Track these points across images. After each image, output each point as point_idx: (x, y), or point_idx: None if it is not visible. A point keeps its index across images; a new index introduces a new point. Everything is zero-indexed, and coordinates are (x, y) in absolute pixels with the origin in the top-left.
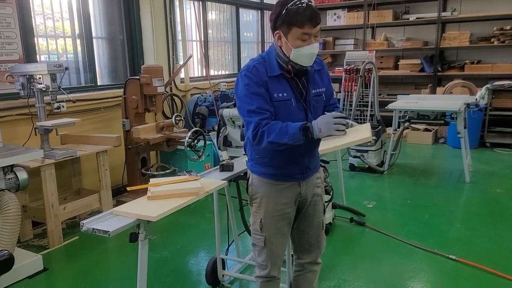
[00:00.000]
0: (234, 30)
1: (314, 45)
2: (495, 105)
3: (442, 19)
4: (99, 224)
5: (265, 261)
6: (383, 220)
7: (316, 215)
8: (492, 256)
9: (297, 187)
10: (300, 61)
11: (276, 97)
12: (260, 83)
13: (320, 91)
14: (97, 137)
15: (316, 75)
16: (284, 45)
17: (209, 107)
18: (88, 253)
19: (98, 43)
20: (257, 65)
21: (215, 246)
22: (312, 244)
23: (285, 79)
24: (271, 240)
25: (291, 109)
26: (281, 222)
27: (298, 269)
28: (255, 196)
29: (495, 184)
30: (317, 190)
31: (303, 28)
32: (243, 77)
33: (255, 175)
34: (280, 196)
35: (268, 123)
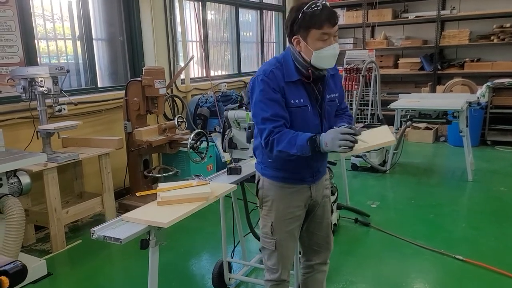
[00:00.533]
0: (233, 30)
1: (335, 45)
2: (495, 103)
3: (441, 17)
4: (110, 231)
5: (275, 265)
6: (387, 220)
7: (325, 216)
8: (499, 255)
9: (308, 190)
10: (321, 63)
11: (293, 103)
12: (277, 89)
13: (334, 96)
14: (99, 140)
15: (331, 80)
16: (304, 49)
17: (210, 108)
18: (92, 257)
19: (98, 45)
20: (274, 69)
21: (219, 249)
22: (321, 245)
23: (302, 84)
24: (281, 243)
25: (307, 115)
26: (292, 225)
27: (307, 270)
28: (265, 199)
29: (497, 182)
30: (326, 192)
31: (322, 28)
32: (259, 82)
33: (265, 178)
34: (291, 199)
35: (280, 132)
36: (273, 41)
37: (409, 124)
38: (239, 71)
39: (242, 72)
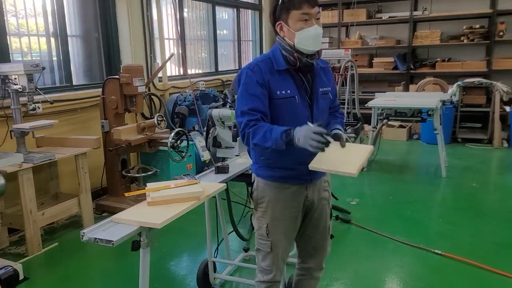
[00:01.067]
0: (210, 28)
1: (316, 26)
2: (465, 101)
3: (414, 18)
4: (101, 233)
5: (269, 266)
6: (367, 216)
7: (323, 219)
8: (475, 249)
9: (304, 190)
10: (305, 45)
11: (279, 94)
12: (260, 81)
13: (327, 90)
14: (75, 139)
15: (322, 73)
16: (287, 33)
17: (189, 106)
18: (69, 260)
19: (73, 42)
20: (259, 63)
21: (202, 249)
22: (317, 248)
23: (289, 75)
24: (277, 245)
25: (295, 106)
26: (288, 226)
27: (301, 273)
28: (261, 200)
29: (470, 178)
30: (325, 194)
31: (301, 9)
32: (244, 76)
33: (260, 179)
34: (287, 200)
35: (255, 125)
36: (249, 40)
37: (385, 122)
38: (217, 70)
39: (219, 70)
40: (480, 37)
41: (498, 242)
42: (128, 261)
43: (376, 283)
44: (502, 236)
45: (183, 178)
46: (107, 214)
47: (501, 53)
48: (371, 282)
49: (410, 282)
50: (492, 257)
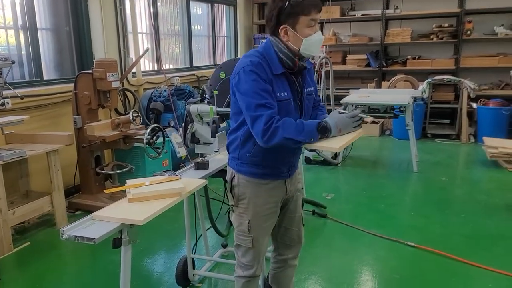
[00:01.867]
0: (185, 23)
1: (319, 32)
2: (435, 98)
3: (386, 16)
4: (81, 231)
5: (251, 261)
6: (343, 211)
7: (297, 210)
8: (445, 241)
9: (284, 185)
10: (310, 50)
11: (278, 96)
12: (267, 80)
13: (311, 90)
14: (47, 136)
15: (307, 74)
16: (292, 38)
17: (164, 102)
18: (42, 259)
19: (43, 35)
20: (260, 61)
21: (178, 246)
22: (294, 239)
23: (285, 78)
24: (258, 240)
25: (290, 108)
26: (268, 221)
27: (278, 265)
28: (242, 196)
29: (440, 173)
30: (298, 185)
31: (309, 15)
32: (249, 72)
33: (241, 175)
34: (269, 195)
35: (280, 119)
36: (224, 35)
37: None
38: (191, 65)
39: (194, 66)
40: (448, 36)
41: (466, 234)
42: (104, 259)
43: (352, 275)
44: (470, 228)
45: (163, 175)
46: (81, 212)
47: (469, 51)
48: (347, 274)
49: (384, 273)
50: (461, 248)
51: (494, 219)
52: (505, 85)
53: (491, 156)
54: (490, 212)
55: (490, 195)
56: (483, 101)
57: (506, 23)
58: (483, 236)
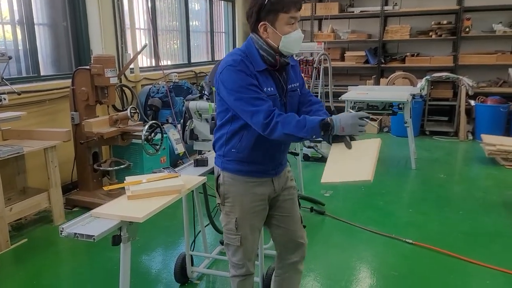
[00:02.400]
0: (183, 19)
1: (299, 30)
2: (433, 95)
3: (385, 13)
4: (80, 228)
5: (241, 260)
6: (341, 208)
7: (295, 208)
8: (443, 238)
9: (271, 183)
10: (289, 48)
11: (265, 91)
12: (253, 76)
13: (295, 86)
14: (44, 132)
15: (291, 70)
16: (271, 35)
17: (162, 98)
18: (39, 256)
19: (40, 30)
20: (243, 59)
21: (176, 243)
22: (296, 240)
23: (268, 74)
24: (247, 237)
25: (276, 104)
26: (255, 218)
27: (283, 271)
28: (228, 195)
29: (438, 170)
30: (291, 183)
31: (289, 12)
32: (234, 71)
33: (227, 173)
34: (255, 193)
35: (281, 114)
36: (222, 31)
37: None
38: (189, 61)
39: (192, 62)
40: (447, 33)
41: (464, 231)
42: (102, 256)
43: (350, 272)
44: (468, 225)
45: (162, 171)
46: (78, 209)
47: (467, 48)
48: (345, 271)
49: (383, 270)
50: (459, 245)
51: (491, 216)
52: (503, 83)
53: (489, 154)
54: (488, 209)
55: (488, 192)
56: (481, 98)
57: (504, 21)
58: (481, 233)
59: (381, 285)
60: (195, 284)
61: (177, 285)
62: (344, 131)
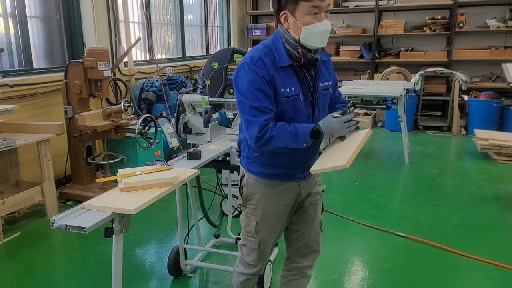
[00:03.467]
0: (177, 13)
1: (325, 22)
2: (427, 90)
3: (379, 7)
4: (72, 220)
5: (255, 261)
6: (334, 202)
7: (317, 214)
8: (435, 231)
9: (297, 187)
10: (312, 41)
11: (283, 93)
12: (267, 78)
13: (328, 84)
14: (37, 125)
15: (323, 66)
16: (292, 25)
17: (156, 92)
18: (32, 250)
19: (33, 23)
20: (262, 56)
21: (170, 236)
22: (311, 246)
23: (293, 71)
24: (265, 242)
25: (299, 104)
26: (277, 223)
27: (291, 273)
28: (250, 197)
29: (431, 164)
30: (318, 188)
31: (311, 1)
32: (247, 70)
33: (251, 175)
34: (279, 197)
35: (275, 127)
36: (217, 25)
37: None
38: (184, 55)
39: (186, 56)
40: (441, 28)
41: (456, 224)
42: (97, 248)
43: (343, 264)
44: (460, 218)
45: (155, 164)
46: (72, 203)
47: (461, 43)
48: (339, 264)
49: (375, 263)
50: (451, 238)
51: (483, 210)
52: (496, 78)
53: (482, 148)
54: (479, 203)
55: (480, 186)
56: (474, 93)
57: (498, 16)
58: (472, 226)
59: (374, 277)
60: (189, 277)
61: (170, 278)
62: (333, 136)
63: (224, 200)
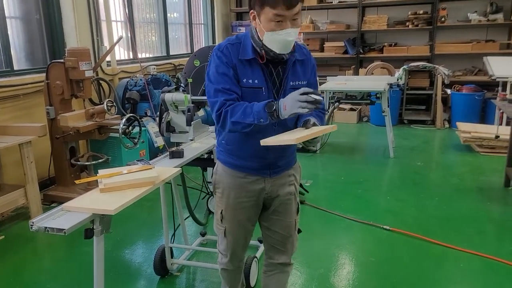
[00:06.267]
0: (160, 11)
1: (289, 31)
2: (411, 84)
3: (362, 3)
4: (51, 222)
5: (225, 250)
6: (320, 197)
7: (288, 215)
8: (420, 223)
9: (262, 183)
10: (273, 47)
11: (245, 83)
12: (230, 64)
13: (300, 83)
14: (19, 127)
15: (299, 66)
16: (258, 27)
17: (140, 91)
18: (17, 252)
19: (12, 24)
20: (229, 45)
21: (156, 235)
22: (283, 244)
23: (258, 65)
24: (231, 232)
25: (261, 98)
26: (241, 215)
27: (270, 268)
28: (217, 185)
29: (415, 157)
30: (290, 189)
31: (275, 8)
32: (214, 57)
33: (220, 163)
34: (242, 190)
35: (233, 104)
36: (201, 23)
37: (337, 105)
38: (168, 54)
39: (171, 54)
40: (423, 23)
41: (440, 216)
42: (82, 250)
43: (329, 259)
44: (443, 210)
45: (136, 164)
46: (57, 205)
47: (443, 38)
48: (325, 258)
49: (361, 256)
50: (435, 230)
51: (466, 201)
52: (478, 71)
53: (464, 141)
54: (462, 195)
55: (462, 179)
56: (457, 87)
57: (479, 10)
58: (455, 218)
59: (359, 271)
60: (176, 276)
61: (157, 278)
62: (286, 109)
63: (210, 198)
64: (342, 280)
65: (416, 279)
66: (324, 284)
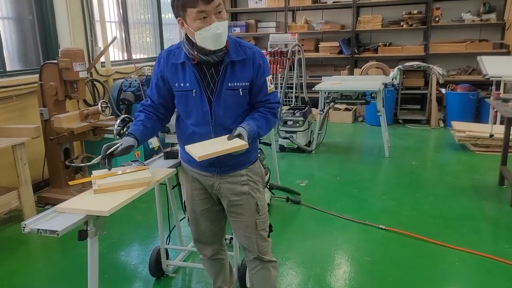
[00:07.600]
0: (155, 11)
1: (216, 24)
2: (405, 84)
3: (357, 3)
4: (44, 224)
5: (194, 238)
6: (316, 197)
7: (246, 215)
8: (415, 222)
9: (211, 178)
10: (206, 44)
11: (177, 87)
12: (158, 72)
13: (238, 85)
14: (12, 129)
15: (238, 66)
16: (188, 31)
17: (135, 92)
18: (10, 256)
19: (5, 24)
20: (165, 53)
21: (151, 237)
22: (247, 244)
23: (190, 68)
24: (193, 221)
25: (191, 100)
26: (199, 207)
27: (250, 267)
28: (180, 177)
29: (410, 157)
30: (243, 188)
31: (196, 7)
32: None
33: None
34: (194, 183)
35: (140, 112)
36: None
37: (332, 105)
38: None
39: None
40: (418, 22)
41: (435, 215)
42: (76, 252)
43: (325, 259)
44: (438, 209)
45: (131, 165)
46: (51, 207)
47: (437, 37)
48: (321, 258)
49: (357, 256)
50: (430, 229)
51: (461, 200)
52: (472, 71)
53: (459, 140)
54: (457, 194)
55: (457, 177)
56: (451, 86)
57: (472, 10)
58: (450, 217)
59: (355, 270)
60: (171, 277)
61: (153, 279)
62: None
63: None
64: (338, 280)
65: (412, 277)
66: (320, 284)
